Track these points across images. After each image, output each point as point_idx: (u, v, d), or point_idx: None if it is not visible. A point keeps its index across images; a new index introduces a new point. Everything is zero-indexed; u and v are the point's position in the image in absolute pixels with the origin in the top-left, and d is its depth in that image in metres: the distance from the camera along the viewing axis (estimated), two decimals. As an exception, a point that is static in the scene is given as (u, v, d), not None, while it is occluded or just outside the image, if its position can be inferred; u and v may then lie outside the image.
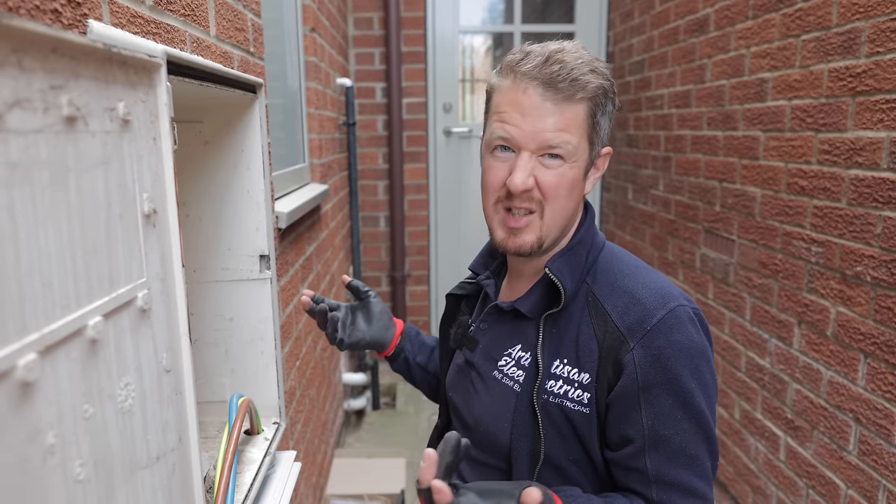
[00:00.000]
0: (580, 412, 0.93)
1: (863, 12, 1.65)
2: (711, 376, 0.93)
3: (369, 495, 2.46)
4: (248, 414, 0.98)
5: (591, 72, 0.91)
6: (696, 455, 0.90)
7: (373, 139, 3.67)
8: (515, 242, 0.96)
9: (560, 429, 0.95)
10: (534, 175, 0.92)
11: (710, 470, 0.93)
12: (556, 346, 0.96)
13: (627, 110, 3.43)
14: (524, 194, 0.93)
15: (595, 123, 0.94)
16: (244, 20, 1.29)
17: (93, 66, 0.51)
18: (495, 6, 3.91)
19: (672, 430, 0.89)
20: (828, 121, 1.80)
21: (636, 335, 0.90)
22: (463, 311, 1.15)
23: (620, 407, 0.91)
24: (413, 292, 3.87)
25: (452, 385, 1.14)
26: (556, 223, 0.96)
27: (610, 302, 0.94)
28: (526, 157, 0.92)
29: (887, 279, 1.56)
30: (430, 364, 1.28)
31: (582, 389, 0.93)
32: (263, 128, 1.00)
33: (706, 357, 0.92)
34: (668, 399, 0.89)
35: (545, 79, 0.90)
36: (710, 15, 2.49)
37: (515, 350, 1.01)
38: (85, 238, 0.50)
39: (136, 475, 0.58)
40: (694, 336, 0.91)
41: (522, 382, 0.98)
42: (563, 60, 0.90)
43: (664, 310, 0.90)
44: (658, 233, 3.05)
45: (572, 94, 0.90)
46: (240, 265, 1.04)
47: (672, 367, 0.89)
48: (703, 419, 0.91)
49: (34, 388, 0.43)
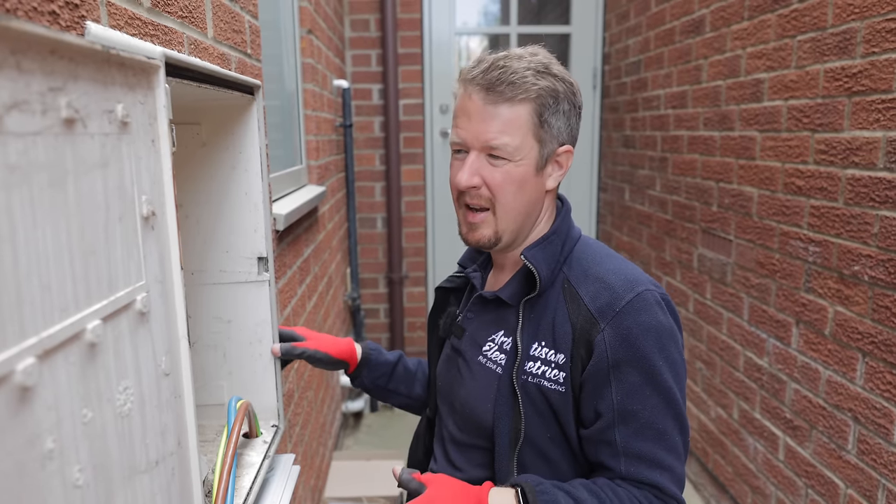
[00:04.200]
0: (556, 391, 0.99)
1: (858, 13, 1.65)
2: (679, 356, 0.99)
3: (368, 498, 2.45)
4: (247, 417, 0.98)
5: (536, 73, 0.97)
6: (664, 430, 0.95)
7: (369, 141, 3.67)
8: (475, 236, 1.05)
9: (538, 407, 1.01)
10: (481, 174, 1.00)
11: (679, 446, 0.97)
12: (534, 330, 1.02)
13: (624, 111, 3.43)
14: (472, 191, 1.01)
15: (543, 122, 0.99)
16: (241, 22, 1.29)
17: (91, 67, 0.50)
18: (491, 8, 3.92)
19: (640, 405, 0.95)
20: (824, 121, 1.80)
21: (606, 317, 0.96)
22: (451, 303, 1.21)
23: (592, 384, 0.97)
24: (410, 293, 3.87)
25: (442, 373, 1.19)
26: (510, 217, 1.02)
27: (583, 287, 1.00)
28: (472, 156, 1.00)
29: (885, 278, 1.57)
30: (391, 383, 1.30)
31: (558, 369, 0.99)
32: (261, 129, 1.00)
33: (673, 337, 0.98)
34: (637, 375, 0.95)
35: (486, 84, 0.97)
36: (706, 16, 2.50)
37: (498, 336, 1.07)
38: (83, 240, 0.49)
39: (135, 480, 0.58)
40: (660, 317, 0.97)
41: (504, 365, 1.05)
42: (505, 66, 0.97)
43: (632, 293, 0.97)
44: (655, 233, 3.05)
45: (512, 97, 0.96)
46: (238, 267, 1.04)
47: (639, 346, 0.95)
48: (671, 395, 0.96)
49: (33, 392, 0.42)
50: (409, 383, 1.31)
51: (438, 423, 1.21)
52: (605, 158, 3.76)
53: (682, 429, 0.98)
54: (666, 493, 0.95)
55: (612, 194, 3.68)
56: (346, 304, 3.35)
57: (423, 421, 1.30)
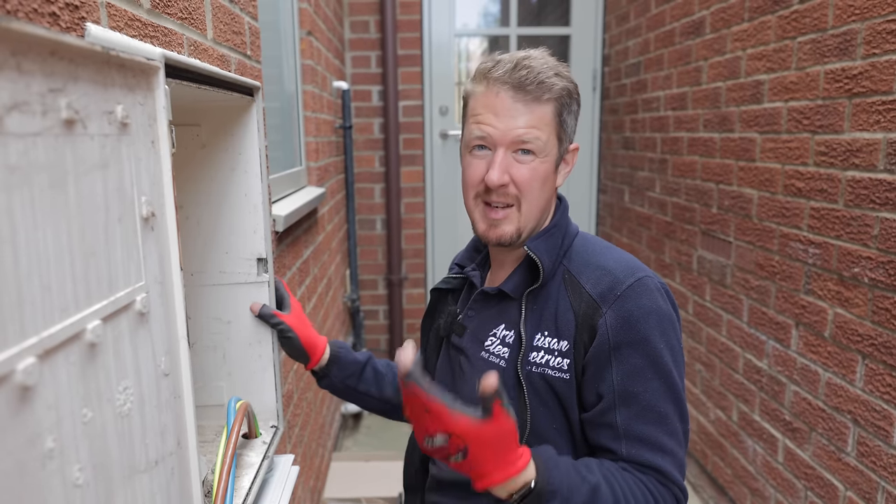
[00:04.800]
0: (561, 378, 1.00)
1: (859, 14, 1.65)
2: (679, 344, 1.00)
3: (367, 499, 2.45)
4: (246, 418, 0.98)
5: (555, 75, 1.00)
6: (664, 413, 0.96)
7: (369, 142, 3.67)
8: (496, 233, 1.04)
9: (543, 397, 1.01)
10: (509, 172, 1.00)
11: (679, 431, 0.97)
12: (537, 321, 1.03)
13: (624, 112, 3.44)
14: (501, 189, 1.01)
15: (562, 121, 1.03)
16: (241, 23, 1.29)
17: (91, 69, 0.50)
18: (491, 9, 3.92)
19: (641, 387, 0.95)
20: (824, 122, 1.80)
21: (608, 301, 0.98)
22: (450, 303, 1.20)
23: (594, 367, 0.97)
24: (410, 295, 3.87)
25: (440, 373, 1.19)
26: (532, 214, 1.04)
27: (584, 276, 1.02)
28: (501, 153, 1.00)
29: (885, 280, 1.57)
30: (361, 384, 1.25)
31: (562, 357, 1.00)
32: (261, 131, 1.00)
33: (673, 324, 0.99)
34: (638, 358, 0.96)
35: (515, 83, 0.99)
36: (706, 17, 2.50)
37: (500, 330, 1.08)
38: (83, 241, 0.49)
39: (134, 479, 0.58)
40: (661, 303, 0.99)
41: (507, 357, 1.05)
42: (531, 66, 0.99)
43: (633, 278, 0.99)
44: (655, 235, 3.05)
45: (540, 96, 0.99)
46: (237, 268, 1.04)
47: (641, 328, 0.96)
48: (672, 380, 0.97)
49: (33, 392, 0.42)
50: (380, 384, 1.27)
51: None
52: (605, 160, 3.77)
53: (682, 416, 0.98)
54: (668, 478, 0.94)
55: (611, 196, 3.68)
56: (345, 305, 3.35)
57: None
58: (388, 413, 1.32)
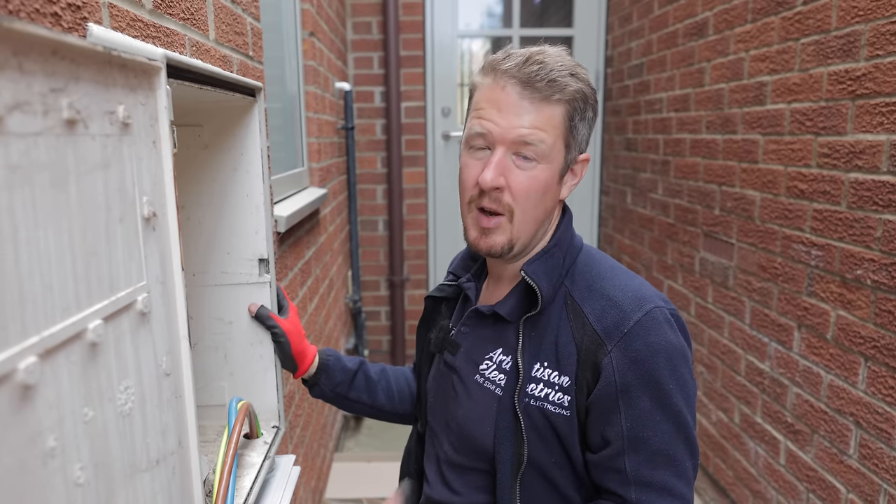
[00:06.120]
0: (561, 415, 0.94)
1: (862, 15, 1.65)
2: (690, 376, 0.94)
3: (368, 499, 2.45)
4: (248, 418, 0.98)
5: (570, 75, 0.92)
6: (675, 456, 0.91)
7: (371, 143, 3.67)
8: (487, 242, 0.97)
9: (542, 432, 0.95)
10: (505, 176, 0.92)
11: (689, 470, 0.93)
12: (535, 349, 0.96)
13: (626, 114, 3.43)
14: (494, 193, 0.93)
15: (572, 127, 0.94)
16: (243, 24, 1.29)
17: (93, 69, 0.50)
18: (494, 10, 3.92)
19: (651, 431, 0.90)
20: (827, 124, 1.80)
21: (613, 338, 0.91)
22: (443, 314, 1.14)
23: (600, 410, 0.92)
24: (412, 296, 3.87)
25: (433, 389, 1.13)
26: (526, 226, 0.96)
27: (588, 305, 0.95)
28: (500, 153, 0.92)
29: (887, 282, 1.56)
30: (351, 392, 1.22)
31: (562, 392, 0.93)
32: (263, 131, 1.00)
33: (684, 357, 0.93)
34: (647, 401, 0.90)
35: (524, 77, 0.91)
36: (709, 18, 2.50)
37: (497, 354, 1.01)
38: (85, 241, 0.49)
39: (135, 479, 0.58)
40: (671, 337, 0.92)
41: (504, 386, 0.98)
42: (543, 62, 0.91)
43: (640, 312, 0.91)
44: (657, 236, 3.05)
45: (549, 95, 0.91)
46: (239, 269, 1.04)
47: (650, 369, 0.89)
48: (682, 419, 0.91)
49: (34, 391, 0.43)
50: (372, 392, 1.23)
51: (430, 441, 1.14)
52: (607, 161, 3.76)
53: (692, 453, 0.93)
54: None
55: (613, 197, 3.68)
56: (347, 306, 3.36)
57: (414, 435, 1.23)
58: (384, 418, 1.28)
